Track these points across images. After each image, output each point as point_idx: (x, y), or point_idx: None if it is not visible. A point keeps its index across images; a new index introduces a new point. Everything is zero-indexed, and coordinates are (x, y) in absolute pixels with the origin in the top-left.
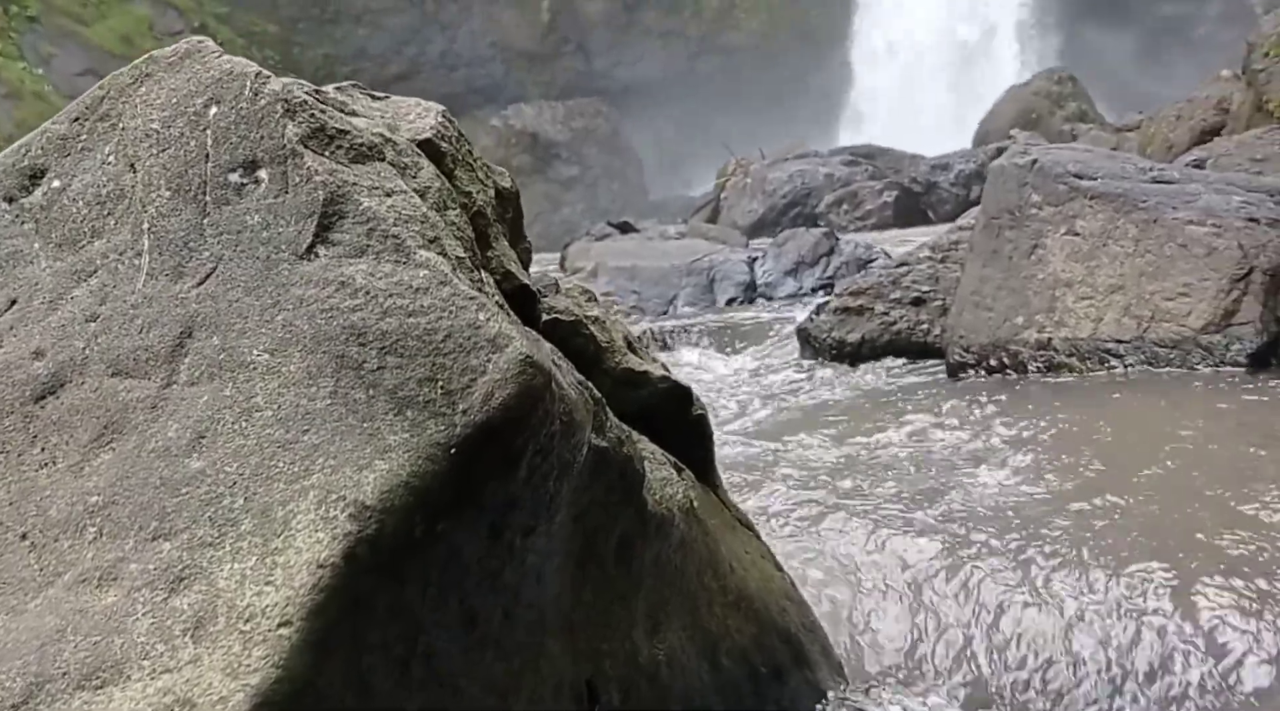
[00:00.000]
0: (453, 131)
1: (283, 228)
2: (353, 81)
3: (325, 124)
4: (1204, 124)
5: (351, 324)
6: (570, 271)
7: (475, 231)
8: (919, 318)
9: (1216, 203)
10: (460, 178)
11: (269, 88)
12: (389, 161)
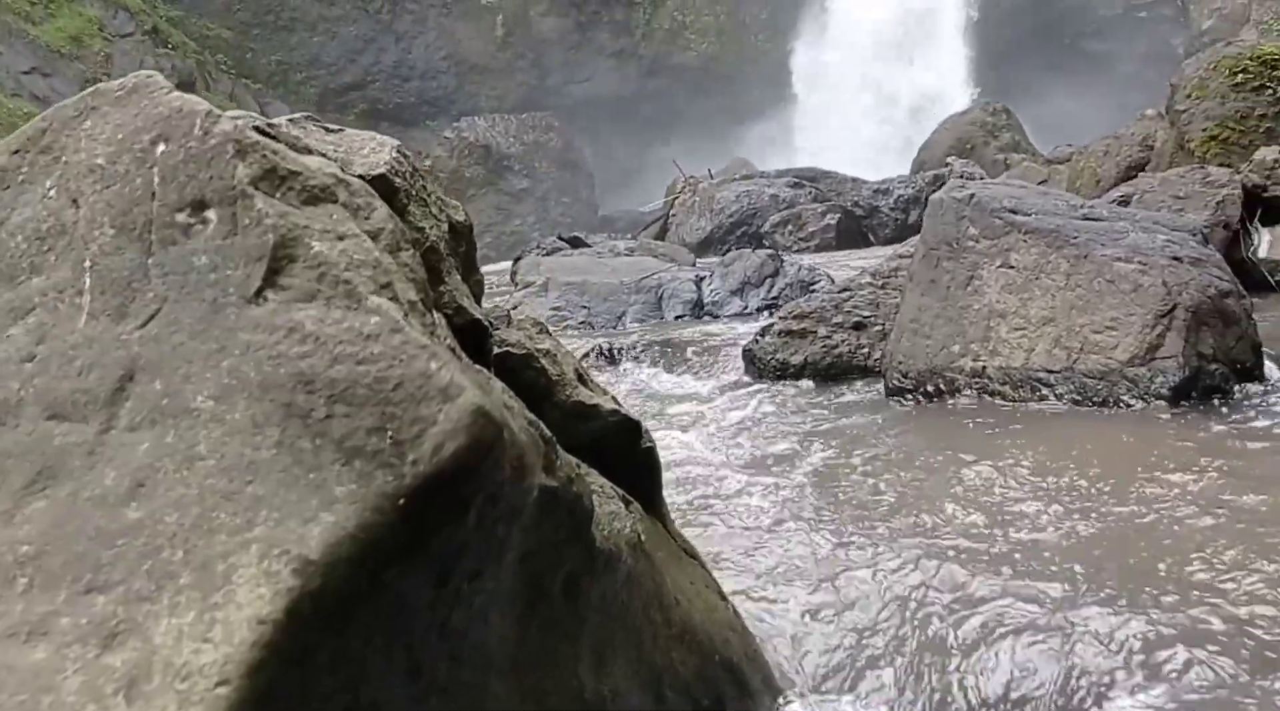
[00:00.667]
0: (407, 167)
1: (231, 270)
2: (306, 113)
3: (277, 166)
4: (1130, 160)
5: (300, 371)
6: (520, 285)
7: (428, 267)
8: (859, 341)
9: (1143, 241)
10: (414, 213)
11: (220, 127)
12: (341, 203)
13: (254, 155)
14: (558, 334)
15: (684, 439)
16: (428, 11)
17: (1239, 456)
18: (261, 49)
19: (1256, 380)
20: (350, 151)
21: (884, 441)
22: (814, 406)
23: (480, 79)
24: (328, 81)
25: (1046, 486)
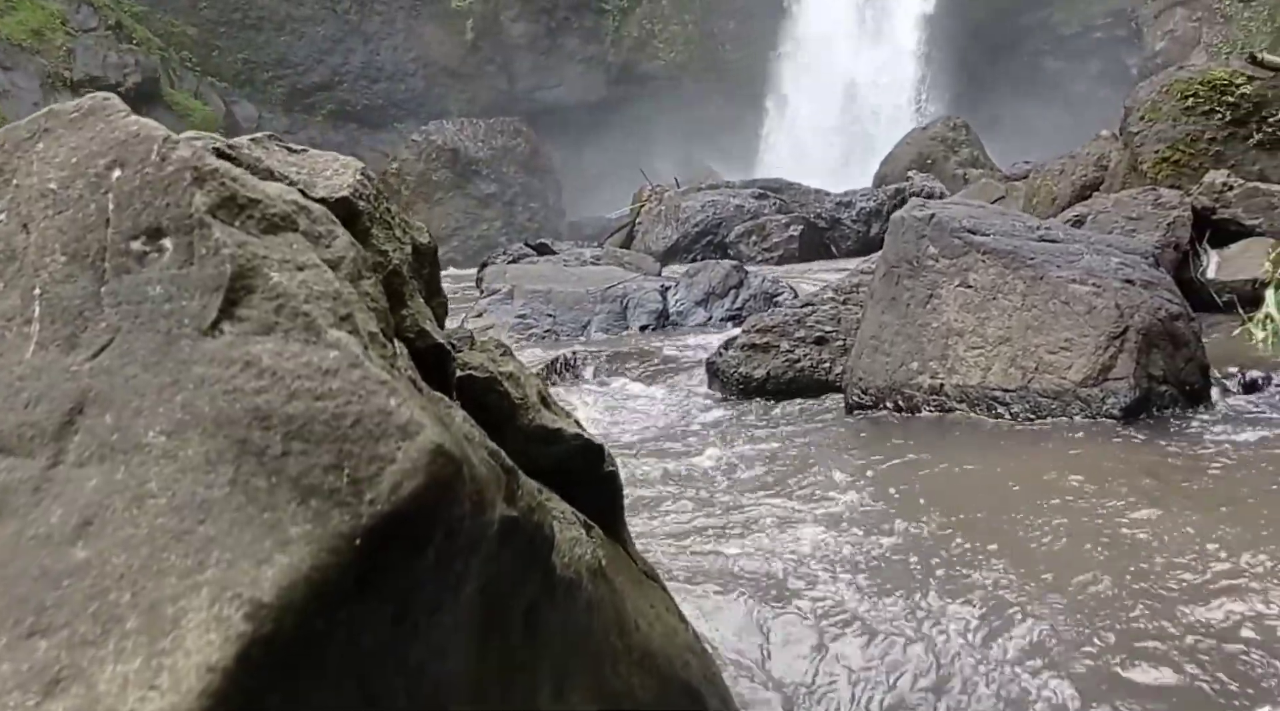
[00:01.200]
0: (370, 189)
1: (186, 301)
2: (269, 132)
3: (236, 193)
4: (1085, 179)
5: (255, 406)
6: (486, 292)
7: (390, 291)
8: (821, 356)
9: (1097, 263)
10: (376, 237)
11: (177, 153)
12: (302, 231)
13: (212, 182)
14: (523, 342)
15: (643, 454)
16: (396, 13)
17: (1174, 482)
18: (228, 47)
19: (1203, 402)
20: (313, 173)
21: (842, 458)
22: (775, 422)
23: (449, 82)
24: (295, 81)
25: (992, 507)
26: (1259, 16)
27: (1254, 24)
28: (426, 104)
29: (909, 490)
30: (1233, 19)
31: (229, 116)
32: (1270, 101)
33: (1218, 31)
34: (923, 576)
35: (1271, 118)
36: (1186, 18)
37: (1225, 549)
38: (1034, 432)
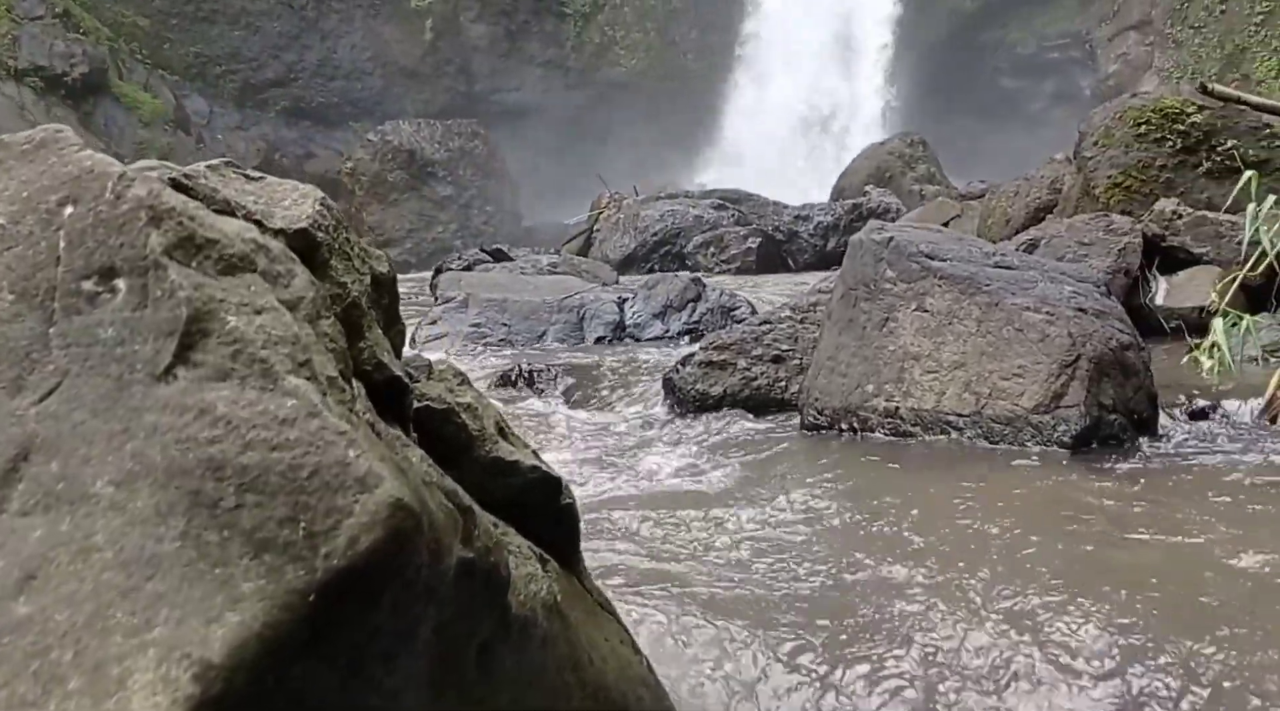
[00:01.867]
0: (330, 219)
1: (139, 345)
2: (225, 158)
3: (194, 233)
4: (1038, 202)
5: (209, 457)
6: (441, 300)
7: (349, 323)
8: (778, 375)
9: (1051, 292)
10: (335, 268)
11: (133, 191)
12: (260, 271)
13: (169, 222)
14: (477, 351)
15: (597, 470)
16: (354, 11)
17: (1110, 515)
18: (179, 39)
19: (1151, 431)
20: (271, 202)
21: (795, 479)
22: (730, 441)
23: (407, 82)
24: (248, 76)
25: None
26: (1209, 43)
27: (1204, 50)
28: (383, 103)
29: (854, 518)
30: (1184, 45)
31: (179, 109)
32: (1220, 131)
33: (1169, 56)
34: (862, 611)
35: (1220, 147)
36: (1139, 42)
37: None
38: (984, 459)
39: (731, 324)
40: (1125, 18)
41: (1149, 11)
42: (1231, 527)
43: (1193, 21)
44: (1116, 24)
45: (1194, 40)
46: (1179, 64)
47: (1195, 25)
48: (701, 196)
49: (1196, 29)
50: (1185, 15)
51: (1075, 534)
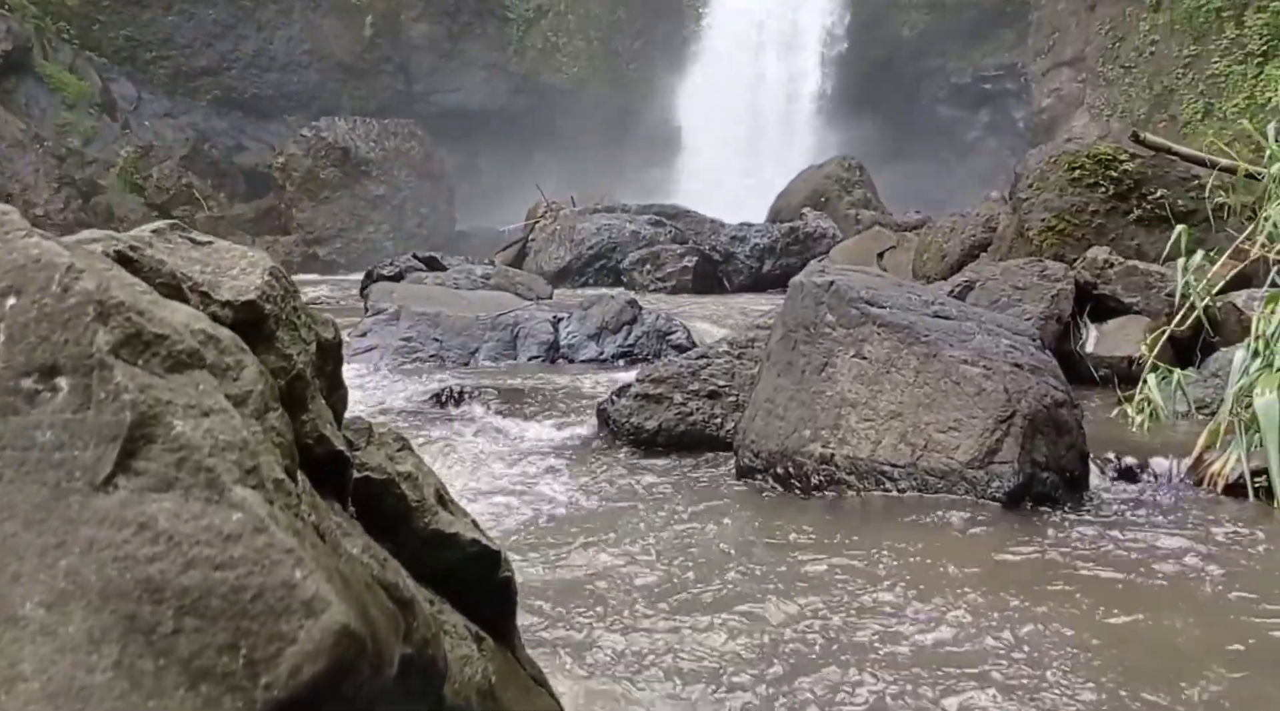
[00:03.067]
0: (279, 289)
1: (79, 451)
2: (172, 220)
3: (142, 329)
4: (974, 239)
5: (148, 577)
6: (372, 311)
7: (293, 395)
8: (714, 411)
9: (988, 345)
10: (282, 340)
11: (81, 285)
12: (209, 365)
13: (117, 318)
14: (407, 367)
15: (524, 509)
16: (294, 3)
17: (1026, 581)
18: (110, 22)
19: (1082, 490)
20: (219, 271)
21: (726, 531)
22: (662, 482)
23: (344, 78)
24: (180, 63)
25: (849, 591)
26: (1139, 83)
27: (1134, 89)
28: (319, 98)
29: (775, 572)
30: (1114, 83)
31: (106, 93)
32: (1150, 179)
33: (1100, 94)
34: (771, 674)
35: (1151, 195)
36: (1072, 78)
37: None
38: (915, 514)
39: (667, 348)
40: (1059, 54)
41: (1082, 49)
42: (1152, 602)
43: (1124, 61)
44: (1051, 59)
45: (1124, 79)
46: (1109, 102)
47: (1126, 65)
48: (639, 211)
49: (1127, 68)
50: (1116, 54)
51: (999, 606)
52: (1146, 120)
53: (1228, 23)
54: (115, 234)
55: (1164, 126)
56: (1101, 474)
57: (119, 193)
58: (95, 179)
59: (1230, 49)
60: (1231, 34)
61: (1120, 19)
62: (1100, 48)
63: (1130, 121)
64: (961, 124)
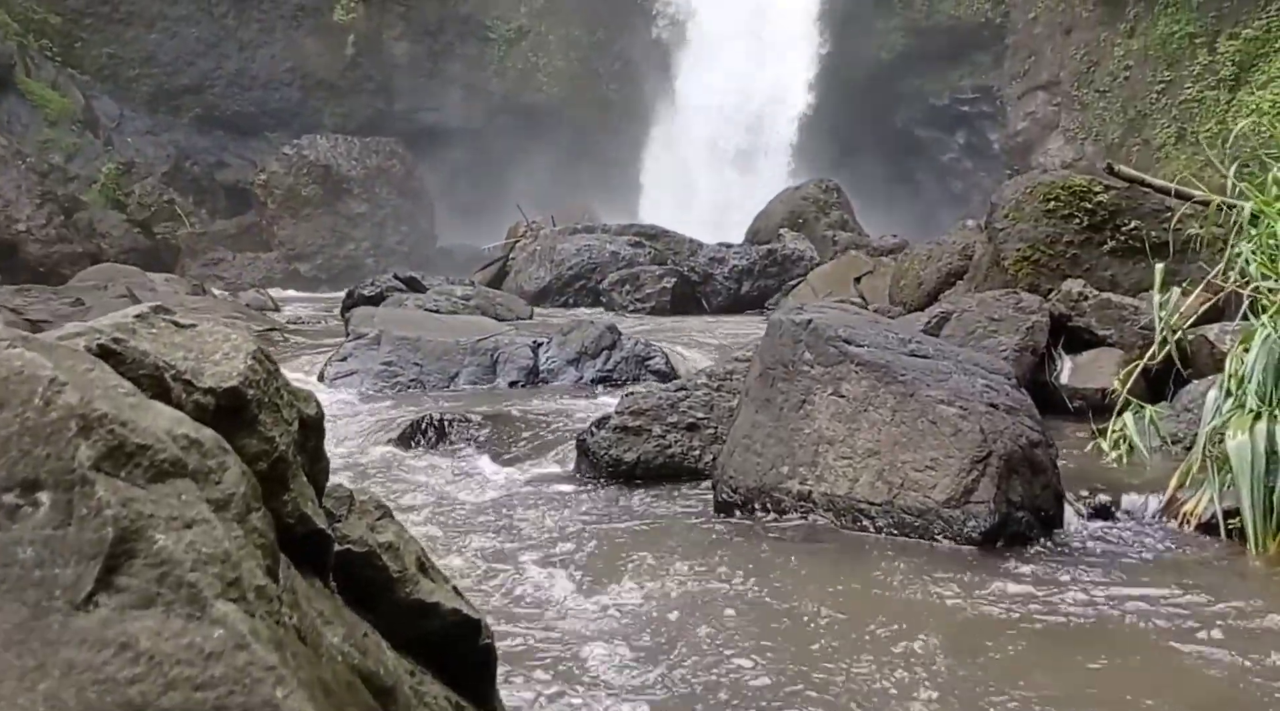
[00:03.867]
0: (261, 373)
1: (60, 568)
2: (156, 303)
3: (125, 441)
4: (950, 267)
5: (128, 700)
6: (353, 336)
7: (274, 477)
8: (692, 443)
9: (964, 385)
10: (264, 422)
11: (64, 399)
12: (192, 472)
13: (100, 431)
14: (387, 391)
15: (503, 546)
16: (276, 22)
17: (1005, 621)
18: (93, 40)
19: (1056, 527)
20: (202, 356)
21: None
22: (640, 518)
23: (326, 96)
24: (163, 81)
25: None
26: (1113, 107)
27: (1108, 114)
28: (301, 116)
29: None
30: (1089, 107)
31: (88, 110)
32: (1124, 211)
33: (1075, 118)
34: None
35: (1125, 226)
36: (1047, 101)
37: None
38: (891, 554)
39: (646, 373)
40: (1035, 77)
41: (1057, 73)
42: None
43: (1098, 85)
44: (1026, 83)
45: (1099, 104)
46: (1084, 125)
47: (1100, 89)
48: (618, 231)
49: (1101, 93)
50: (1091, 79)
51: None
52: (1120, 144)
53: (1200, 49)
54: (99, 326)
55: (1138, 150)
56: (1076, 512)
57: (101, 209)
58: (77, 195)
59: (1203, 75)
60: (1204, 60)
61: (1095, 44)
62: (1075, 72)
63: (1104, 145)
64: (938, 145)
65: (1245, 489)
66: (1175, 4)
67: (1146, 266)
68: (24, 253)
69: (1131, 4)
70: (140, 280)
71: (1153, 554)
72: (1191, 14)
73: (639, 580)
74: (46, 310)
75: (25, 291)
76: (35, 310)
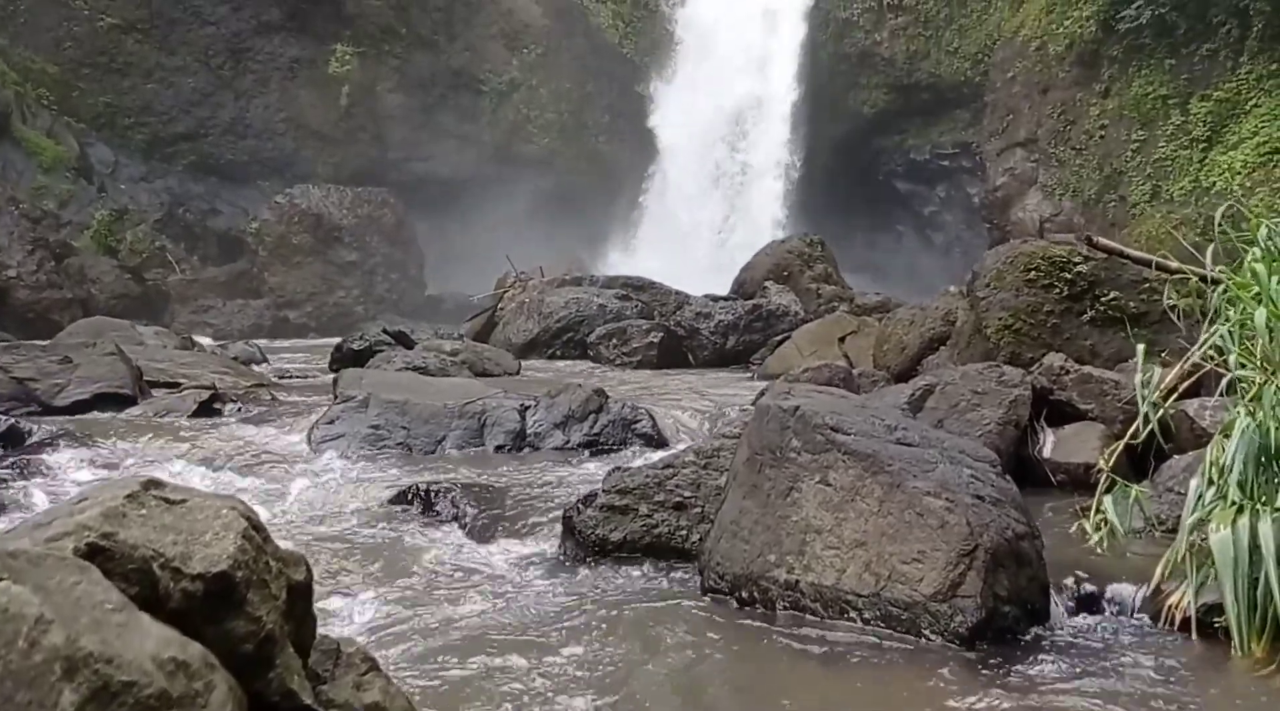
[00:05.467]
0: (250, 551)
1: None
2: (149, 478)
3: (109, 681)
4: (933, 332)
5: None
6: (341, 399)
7: (260, 657)
8: (679, 523)
9: (950, 476)
10: (252, 601)
11: (49, 640)
12: (178, 698)
13: (85, 672)
14: (374, 454)
15: (486, 635)
16: (272, 73)
17: None
18: (90, 89)
19: (1042, 620)
20: (191, 538)
21: (688, 658)
22: (625, 604)
23: (319, 145)
24: (158, 129)
25: None
26: (1089, 164)
27: (1084, 171)
28: (294, 164)
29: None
30: (1066, 164)
31: (83, 158)
32: (1103, 281)
33: (1052, 174)
34: None
35: (1104, 296)
36: (1025, 158)
37: None
38: (878, 649)
39: (632, 437)
40: (1013, 134)
41: (1035, 131)
42: None
43: (1074, 143)
44: (1005, 139)
45: (1075, 161)
46: (1061, 182)
47: (1077, 147)
48: (605, 284)
49: (1078, 150)
50: (1068, 137)
51: None
52: (1097, 200)
53: (1173, 109)
54: (88, 520)
55: (1114, 206)
56: (1061, 604)
57: (92, 255)
58: (69, 241)
59: (1176, 134)
60: (1177, 120)
61: (1071, 103)
62: (1052, 130)
63: (1082, 201)
64: (919, 198)
65: (1229, 587)
66: (1148, 66)
67: (1126, 336)
68: (13, 299)
69: (1106, 65)
70: (128, 333)
71: (1138, 653)
72: (1164, 76)
73: (624, 669)
74: (34, 368)
75: (14, 349)
76: (22, 368)
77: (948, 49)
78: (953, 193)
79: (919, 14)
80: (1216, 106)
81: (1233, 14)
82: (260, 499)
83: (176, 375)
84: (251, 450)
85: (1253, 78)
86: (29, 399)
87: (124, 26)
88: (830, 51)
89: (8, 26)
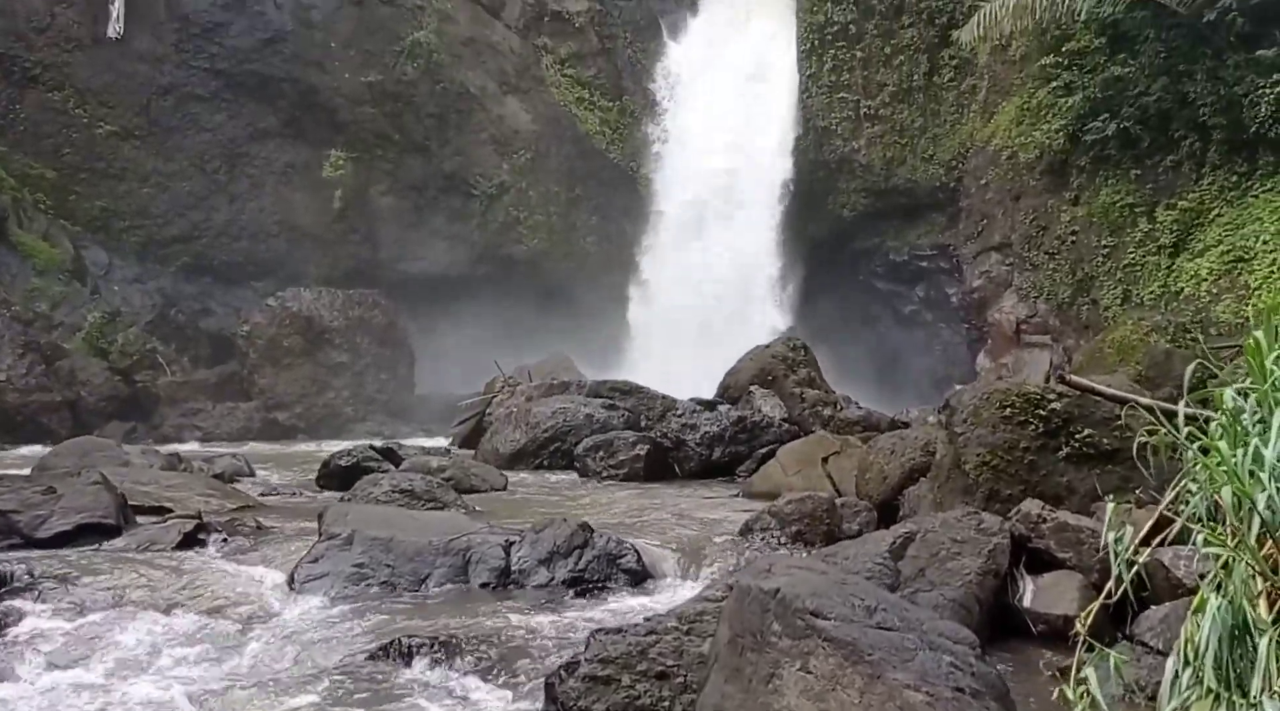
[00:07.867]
0: None
1: None
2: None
3: None
4: (913, 463)
5: None
6: (326, 536)
7: None
8: (662, 693)
9: (930, 665)
10: None
11: None
12: None
13: None
14: (358, 592)
15: None
16: (266, 177)
17: None
18: (86, 193)
19: None
20: None
21: None
22: None
23: (312, 246)
24: (153, 232)
25: None
26: (1062, 268)
27: (1057, 274)
28: (287, 265)
29: None
30: (1039, 267)
31: (77, 260)
32: (1077, 418)
33: (1026, 277)
34: None
35: (1078, 434)
36: (1000, 261)
37: None
38: None
39: (617, 572)
40: (988, 238)
41: (1009, 235)
42: None
43: (1047, 248)
44: (980, 243)
45: (1049, 265)
46: (1036, 285)
47: (1049, 251)
48: (592, 390)
49: (1051, 255)
50: (1041, 242)
51: None
52: (1071, 303)
53: (1140, 217)
54: None
55: (1087, 309)
56: None
57: (83, 356)
58: (60, 343)
59: (1144, 241)
60: (1144, 228)
61: (1043, 210)
62: (1025, 235)
63: (1056, 303)
64: (899, 298)
65: None
66: (1115, 176)
67: (1101, 473)
68: (3, 402)
69: (1075, 175)
70: (114, 453)
71: None
72: (1130, 185)
73: None
74: (17, 499)
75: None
76: (5, 499)
77: (923, 156)
78: (932, 292)
79: (895, 123)
80: (1181, 215)
81: (1193, 129)
82: (235, 652)
83: (162, 498)
84: (232, 596)
85: (1215, 188)
86: (11, 531)
87: (122, 133)
88: (811, 158)
89: (7, 133)
